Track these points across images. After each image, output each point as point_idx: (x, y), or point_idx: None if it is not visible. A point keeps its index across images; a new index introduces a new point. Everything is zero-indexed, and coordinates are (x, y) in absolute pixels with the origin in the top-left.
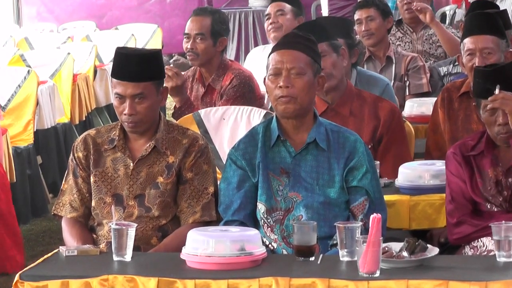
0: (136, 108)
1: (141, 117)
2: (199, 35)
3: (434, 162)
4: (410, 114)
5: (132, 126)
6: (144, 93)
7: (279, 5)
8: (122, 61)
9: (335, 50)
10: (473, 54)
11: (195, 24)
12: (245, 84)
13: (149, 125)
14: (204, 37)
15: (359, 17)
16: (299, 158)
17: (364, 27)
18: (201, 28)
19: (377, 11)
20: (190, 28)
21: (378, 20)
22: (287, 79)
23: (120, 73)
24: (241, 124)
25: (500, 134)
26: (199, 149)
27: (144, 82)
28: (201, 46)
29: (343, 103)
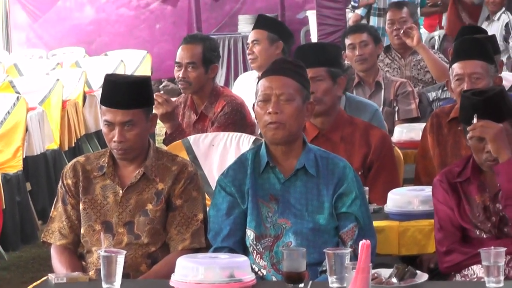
0: (126, 136)
1: (131, 144)
2: (190, 63)
3: (423, 187)
4: (399, 140)
5: (121, 153)
6: (133, 120)
7: (254, 34)
8: (111, 88)
9: (333, 77)
10: (461, 79)
11: (186, 52)
12: (236, 112)
13: (138, 152)
14: (195, 66)
15: (352, 42)
16: (288, 184)
17: (358, 51)
18: (192, 56)
19: (370, 36)
20: (181, 56)
21: (371, 45)
22: (276, 105)
23: (109, 100)
24: (230, 151)
25: (487, 161)
26: (188, 176)
27: (133, 109)
28: (193, 75)
29: (334, 129)
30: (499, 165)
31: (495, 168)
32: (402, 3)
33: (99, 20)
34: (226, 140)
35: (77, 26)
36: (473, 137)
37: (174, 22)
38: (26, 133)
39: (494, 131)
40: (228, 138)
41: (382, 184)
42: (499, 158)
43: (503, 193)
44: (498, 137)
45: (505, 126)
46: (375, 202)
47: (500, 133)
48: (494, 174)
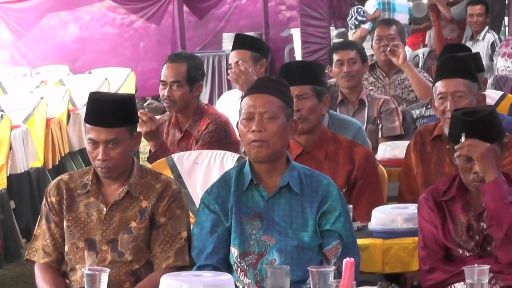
0: (110, 154)
1: (115, 163)
2: (175, 82)
3: (407, 205)
4: (383, 157)
5: (105, 171)
6: (117, 139)
7: (238, 54)
8: (95, 107)
9: (318, 96)
10: (444, 97)
11: (170, 71)
12: (221, 130)
13: (123, 170)
14: (180, 84)
15: (341, 58)
16: (272, 202)
17: (346, 68)
18: (177, 75)
19: (358, 55)
20: (166, 75)
21: (359, 63)
22: (260, 123)
23: (93, 118)
24: (214, 169)
25: (474, 181)
26: (172, 194)
27: (118, 127)
28: (178, 93)
29: (319, 146)
30: (485, 185)
31: (481, 188)
32: (391, 21)
33: (83, 38)
34: (210, 158)
35: (61, 44)
36: (460, 156)
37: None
38: (10, 151)
39: (482, 150)
40: (212, 156)
41: (366, 201)
42: (485, 177)
43: (488, 213)
44: (485, 157)
45: (494, 147)
46: (359, 219)
47: (488, 153)
48: (480, 193)
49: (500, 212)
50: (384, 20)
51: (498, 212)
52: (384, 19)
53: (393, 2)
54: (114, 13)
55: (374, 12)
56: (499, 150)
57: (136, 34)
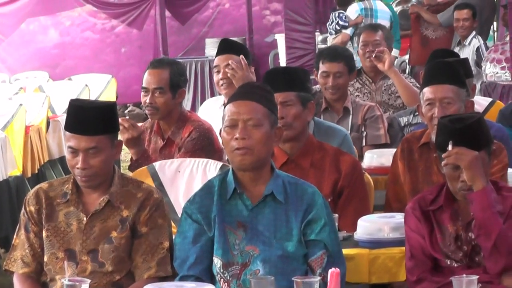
0: (90, 162)
1: (95, 171)
2: (157, 89)
3: (394, 214)
4: (370, 166)
5: (85, 180)
6: (98, 147)
7: (228, 58)
8: (75, 114)
9: (303, 102)
10: (432, 104)
11: (153, 77)
12: (204, 137)
13: (103, 179)
14: (163, 91)
15: (327, 70)
16: (256, 211)
17: (332, 82)
18: (159, 81)
19: (346, 67)
20: (148, 81)
21: (345, 76)
22: (244, 130)
23: (73, 126)
24: (197, 177)
25: (462, 190)
26: (154, 203)
27: (98, 135)
28: (161, 100)
29: (304, 154)
30: (473, 194)
31: (468, 197)
32: (377, 26)
33: (64, 44)
34: (192, 166)
35: (41, 50)
36: (448, 165)
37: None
38: None
39: (469, 159)
40: (195, 164)
41: (352, 210)
42: (473, 186)
43: (476, 222)
44: (473, 165)
45: (482, 155)
46: (345, 229)
47: (476, 161)
48: (468, 202)
49: (488, 222)
50: (370, 25)
51: (487, 222)
52: (370, 24)
53: (376, 8)
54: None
55: (357, 17)
56: (487, 158)
57: (118, 39)
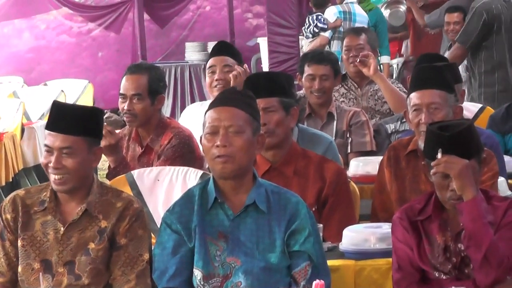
0: (62, 162)
1: (67, 172)
2: (136, 95)
3: (381, 224)
4: (355, 174)
5: (58, 182)
6: (72, 147)
7: (226, 60)
8: (56, 113)
9: (286, 108)
10: (419, 109)
11: (131, 83)
12: (184, 144)
13: (78, 184)
14: (141, 97)
15: (313, 73)
16: (238, 221)
17: (318, 84)
18: (137, 87)
19: (332, 70)
20: (125, 88)
21: (331, 79)
22: (225, 137)
23: (51, 124)
24: (177, 186)
25: (451, 199)
26: (134, 213)
27: (74, 136)
28: (139, 107)
29: (287, 162)
30: (462, 204)
31: (458, 206)
32: (360, 30)
33: (39, 48)
34: (172, 174)
35: (15, 54)
36: (437, 173)
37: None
38: None
39: (459, 167)
40: (174, 172)
41: (337, 220)
42: (463, 196)
43: (465, 233)
44: (463, 174)
45: (472, 163)
46: (329, 239)
47: (466, 170)
48: (457, 212)
49: (478, 233)
50: (353, 29)
51: (477, 233)
52: (352, 28)
53: (354, 12)
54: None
55: (335, 20)
56: (478, 166)
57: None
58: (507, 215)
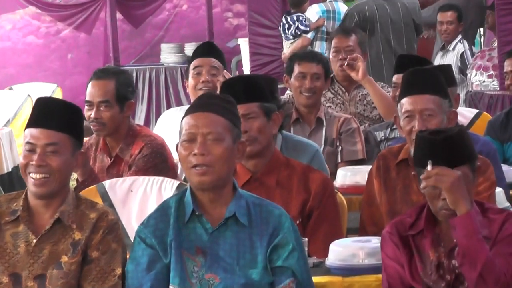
0: (46, 160)
1: (50, 172)
2: (103, 102)
3: (370, 238)
4: (343, 184)
5: (39, 183)
6: (59, 144)
7: (213, 61)
8: (41, 107)
9: (266, 113)
10: (412, 116)
11: (97, 90)
12: (157, 154)
13: (57, 189)
14: (109, 104)
15: (304, 71)
16: (217, 235)
17: (309, 83)
18: (105, 94)
19: (323, 70)
20: (92, 94)
21: (322, 79)
22: (203, 145)
23: (36, 119)
24: (151, 197)
25: (443, 209)
26: (108, 225)
27: (61, 132)
28: (107, 115)
29: (269, 172)
30: (455, 218)
31: (451, 221)
32: (350, 30)
33: (4, 50)
34: (146, 185)
35: None
36: (427, 187)
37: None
38: None
39: (451, 180)
40: (149, 183)
41: (323, 234)
42: (456, 210)
43: (459, 250)
44: (455, 187)
45: (465, 170)
46: (315, 255)
47: (458, 182)
48: (450, 226)
49: (473, 249)
50: (342, 29)
51: (471, 249)
52: (342, 28)
53: (338, 10)
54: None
55: (318, 20)
56: (471, 174)
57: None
58: (503, 228)
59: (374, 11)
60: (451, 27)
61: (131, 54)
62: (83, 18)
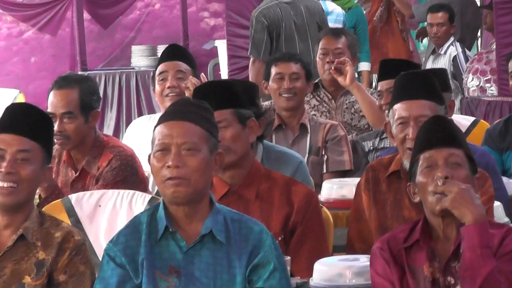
0: (16, 167)
1: (19, 181)
2: (66, 114)
3: (358, 257)
4: (328, 198)
5: (5, 192)
6: (30, 152)
7: (179, 65)
8: (12, 113)
9: (241, 120)
10: (406, 123)
11: (59, 100)
12: (126, 166)
13: (23, 200)
14: (73, 116)
15: (281, 72)
16: (192, 253)
17: (287, 84)
18: (68, 104)
19: (303, 70)
20: (54, 105)
21: (302, 80)
22: (177, 157)
23: (8, 124)
24: (121, 212)
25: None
26: (74, 246)
27: (33, 140)
28: (71, 127)
29: (248, 185)
30: (463, 228)
31: (461, 230)
32: (340, 31)
33: None
34: (116, 199)
35: None
36: None
37: (54, 54)
38: None
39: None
40: (119, 197)
41: (307, 252)
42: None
43: (462, 262)
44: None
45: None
46: (298, 274)
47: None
48: (447, 239)
49: (476, 263)
50: (332, 30)
51: (474, 263)
52: (331, 29)
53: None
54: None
55: None
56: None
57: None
58: (504, 244)
59: (279, 14)
60: (442, 29)
61: (99, 57)
62: (47, 18)
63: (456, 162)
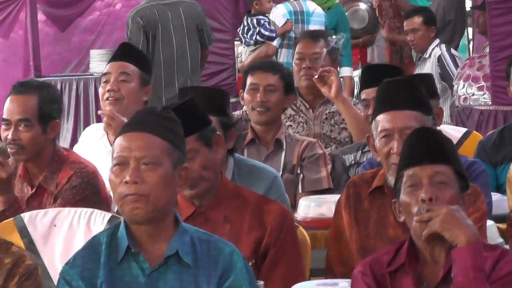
0: None
1: None
2: (22, 121)
3: (337, 281)
4: (305, 217)
5: None
6: None
7: (124, 66)
8: None
9: (207, 143)
10: (390, 136)
11: (16, 106)
12: (87, 184)
13: None
14: (29, 124)
15: (257, 82)
16: (156, 276)
17: (261, 97)
18: (25, 111)
19: (281, 82)
20: (10, 111)
21: (279, 93)
22: (136, 172)
23: None
24: (78, 232)
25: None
26: (25, 271)
27: None
28: (26, 136)
29: (216, 205)
30: (455, 250)
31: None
32: (319, 34)
33: None
34: (72, 218)
35: None
36: None
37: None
38: None
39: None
40: (76, 215)
41: (281, 276)
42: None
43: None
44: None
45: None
46: None
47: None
48: (434, 263)
49: None
50: (310, 32)
51: None
52: (309, 32)
53: (307, 10)
54: None
55: (285, 24)
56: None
57: None
58: (497, 268)
59: (155, 15)
60: (418, 35)
61: (55, 62)
62: None
63: (441, 181)
